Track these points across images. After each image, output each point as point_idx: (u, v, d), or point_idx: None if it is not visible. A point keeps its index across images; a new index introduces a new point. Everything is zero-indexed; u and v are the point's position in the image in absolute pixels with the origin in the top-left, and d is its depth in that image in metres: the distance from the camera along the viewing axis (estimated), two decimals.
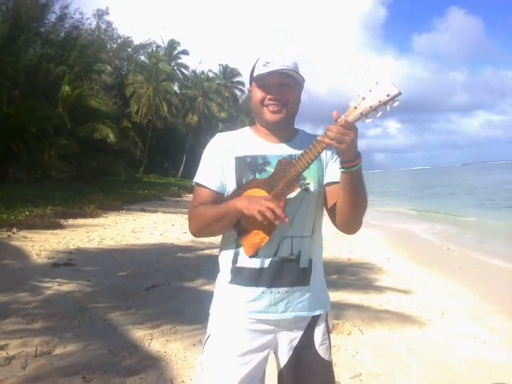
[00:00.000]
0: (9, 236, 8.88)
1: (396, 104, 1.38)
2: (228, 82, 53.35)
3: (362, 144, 1.46)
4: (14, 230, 9.37)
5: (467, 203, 23.20)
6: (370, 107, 1.40)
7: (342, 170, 1.48)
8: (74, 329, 4.08)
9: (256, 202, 1.46)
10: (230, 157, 1.64)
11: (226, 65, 54.30)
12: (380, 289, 5.87)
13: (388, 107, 1.40)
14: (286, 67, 1.57)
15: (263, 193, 1.56)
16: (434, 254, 9.18)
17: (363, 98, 1.40)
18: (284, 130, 1.68)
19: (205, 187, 1.67)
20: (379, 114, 1.41)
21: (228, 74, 53.70)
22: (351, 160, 1.45)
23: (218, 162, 1.66)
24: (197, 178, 1.70)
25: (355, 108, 1.41)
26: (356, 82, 1.50)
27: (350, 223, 1.61)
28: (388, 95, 1.37)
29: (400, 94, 1.37)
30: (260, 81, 1.61)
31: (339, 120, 1.40)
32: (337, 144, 1.40)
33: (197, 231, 1.67)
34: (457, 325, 4.49)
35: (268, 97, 1.61)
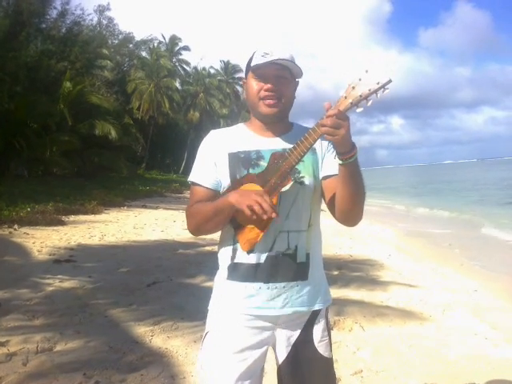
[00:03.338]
0: (10, 232, 8.89)
1: (386, 91, 1.36)
2: (229, 78, 53.16)
3: (365, 141, 1.44)
4: (16, 226, 9.38)
5: (468, 199, 23.16)
6: (360, 96, 1.37)
7: (340, 162, 1.45)
8: (75, 325, 4.08)
9: (246, 196, 1.44)
10: (223, 153, 1.63)
11: (228, 61, 54.12)
12: (381, 285, 5.86)
13: (378, 95, 1.37)
14: (285, 59, 1.55)
15: (257, 187, 1.54)
16: (435, 250, 9.17)
17: (353, 88, 1.38)
18: (278, 124, 1.66)
19: (200, 185, 1.66)
20: (369, 102, 1.38)
21: (229, 70, 53.50)
22: (348, 151, 1.42)
23: (210, 160, 1.65)
24: (191, 177, 1.69)
25: (345, 97, 1.39)
26: (347, 71, 1.48)
27: (351, 215, 1.59)
28: (378, 83, 1.35)
29: (390, 81, 1.34)
30: (257, 71, 1.59)
31: (330, 110, 1.37)
32: (331, 136, 1.37)
33: (195, 229, 1.67)
34: (458, 321, 4.47)
35: (264, 87, 1.58)
